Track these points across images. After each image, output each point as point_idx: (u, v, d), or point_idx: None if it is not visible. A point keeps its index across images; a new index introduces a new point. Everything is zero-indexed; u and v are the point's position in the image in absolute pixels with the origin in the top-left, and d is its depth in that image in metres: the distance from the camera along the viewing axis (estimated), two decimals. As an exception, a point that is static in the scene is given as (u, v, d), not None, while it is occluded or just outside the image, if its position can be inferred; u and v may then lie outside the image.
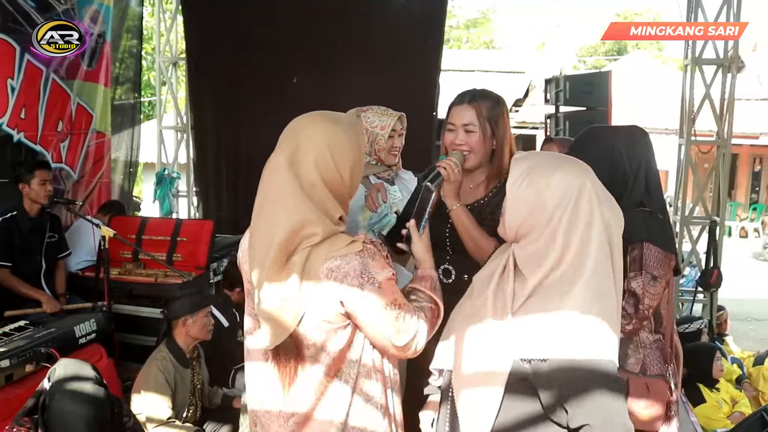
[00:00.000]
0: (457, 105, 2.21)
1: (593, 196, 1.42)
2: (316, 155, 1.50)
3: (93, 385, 2.29)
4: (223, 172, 6.64)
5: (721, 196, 5.99)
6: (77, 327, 3.45)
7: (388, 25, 5.82)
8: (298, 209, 1.47)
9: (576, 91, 5.94)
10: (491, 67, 17.00)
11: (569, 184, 1.42)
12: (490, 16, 28.79)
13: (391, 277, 1.52)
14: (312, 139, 1.52)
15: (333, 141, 1.52)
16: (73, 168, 5.52)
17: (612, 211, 1.44)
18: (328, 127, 1.54)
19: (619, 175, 2.12)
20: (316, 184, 1.50)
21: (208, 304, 3.39)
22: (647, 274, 2.04)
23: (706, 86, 5.83)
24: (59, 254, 4.40)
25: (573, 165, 1.50)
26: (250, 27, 6.09)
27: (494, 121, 2.15)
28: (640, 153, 2.16)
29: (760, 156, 16.24)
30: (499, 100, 2.21)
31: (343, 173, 1.53)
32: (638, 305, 2.03)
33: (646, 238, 2.05)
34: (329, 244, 1.48)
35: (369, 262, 1.48)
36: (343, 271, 1.46)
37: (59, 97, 5.21)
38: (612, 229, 1.43)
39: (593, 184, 1.44)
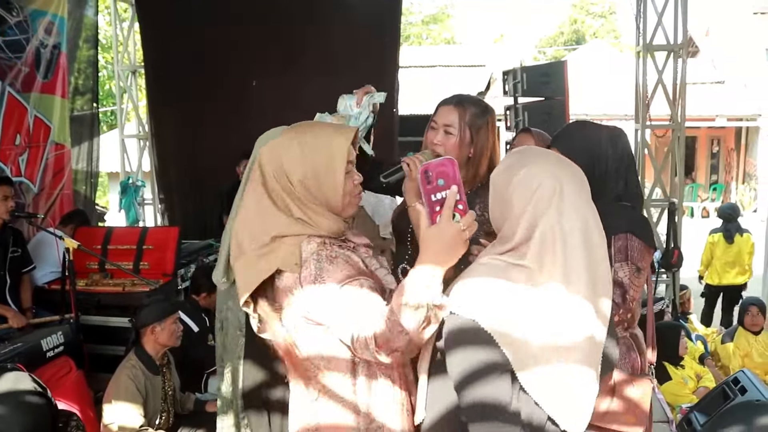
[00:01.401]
0: (443, 105, 2.20)
1: (557, 196, 1.39)
2: (273, 169, 1.55)
3: (31, 395, 2.29)
4: (187, 178, 6.62)
5: (678, 178, 6.16)
6: (44, 340, 3.43)
7: (344, 25, 5.85)
8: (266, 222, 1.53)
9: (533, 81, 6.01)
10: (452, 61, 17.10)
11: (533, 180, 1.41)
12: (448, 11, 28.99)
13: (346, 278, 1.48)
14: (268, 155, 1.58)
15: (288, 158, 1.56)
16: (33, 181, 5.46)
17: (578, 214, 1.40)
18: (283, 141, 1.59)
19: (602, 168, 2.13)
20: (278, 193, 1.54)
21: (175, 311, 3.40)
22: (632, 264, 2.04)
23: (659, 72, 5.98)
24: (23, 268, 4.34)
25: (547, 161, 1.47)
26: (207, 32, 6.07)
27: (475, 129, 2.15)
28: (621, 149, 2.17)
29: (717, 137, 16.61)
30: (486, 110, 2.20)
31: (293, 180, 1.55)
32: (625, 295, 2.02)
33: (631, 230, 2.06)
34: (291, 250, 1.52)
35: (325, 266, 1.48)
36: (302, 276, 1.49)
37: (16, 110, 5.15)
38: (574, 233, 1.38)
39: (563, 183, 1.41)
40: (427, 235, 1.36)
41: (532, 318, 1.36)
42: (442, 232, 1.34)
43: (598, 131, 2.22)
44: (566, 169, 1.46)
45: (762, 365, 4.92)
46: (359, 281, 1.47)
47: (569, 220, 1.38)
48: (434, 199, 1.36)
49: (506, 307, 1.36)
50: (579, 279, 1.37)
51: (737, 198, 15.77)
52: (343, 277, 1.46)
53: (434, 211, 1.36)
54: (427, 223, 1.37)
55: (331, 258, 1.48)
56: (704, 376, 4.62)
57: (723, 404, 3.29)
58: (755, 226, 12.62)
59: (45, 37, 5.50)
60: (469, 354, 1.36)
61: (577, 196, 1.41)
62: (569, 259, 1.37)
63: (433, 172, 1.36)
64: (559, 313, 1.36)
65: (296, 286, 1.48)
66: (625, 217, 2.10)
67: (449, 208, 1.34)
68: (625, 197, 2.17)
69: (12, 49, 5.16)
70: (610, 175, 2.14)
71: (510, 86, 6.11)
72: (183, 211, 6.71)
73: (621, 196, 2.16)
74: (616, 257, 2.04)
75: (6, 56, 5.10)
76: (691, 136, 15.10)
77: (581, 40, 27.09)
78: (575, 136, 2.23)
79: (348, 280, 1.46)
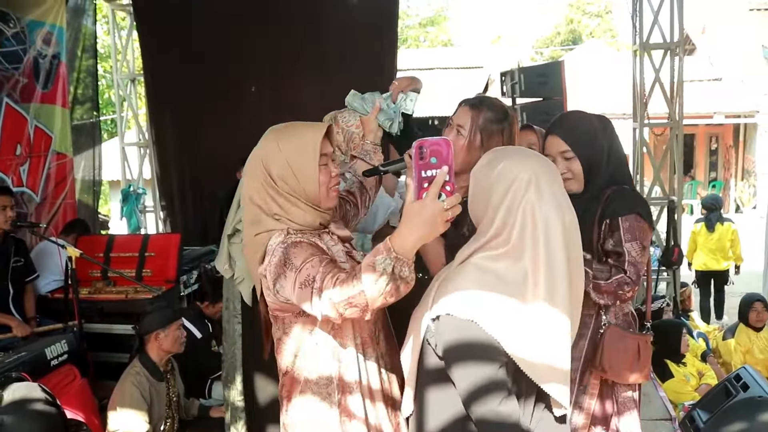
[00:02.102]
0: (462, 104, 2.18)
1: (533, 190, 1.45)
2: (253, 168, 1.72)
3: (43, 405, 2.32)
4: (187, 184, 6.64)
5: (677, 176, 6.17)
6: (48, 349, 3.42)
7: (342, 28, 5.87)
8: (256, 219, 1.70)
9: (531, 82, 6.01)
10: (449, 64, 17.10)
11: (510, 174, 1.47)
12: (445, 14, 29.03)
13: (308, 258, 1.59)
14: (252, 155, 1.75)
15: (266, 154, 1.71)
16: (35, 191, 5.48)
17: (554, 208, 1.45)
18: (264, 140, 1.75)
19: (598, 150, 2.22)
20: (259, 190, 1.70)
21: (178, 317, 3.42)
22: (640, 243, 2.15)
23: (655, 70, 6.00)
24: (26, 278, 4.35)
25: (524, 157, 1.53)
26: (205, 40, 6.10)
27: (487, 134, 2.09)
28: (610, 134, 2.27)
29: (715, 134, 16.61)
30: (504, 117, 2.14)
31: (273, 175, 1.69)
32: (639, 273, 2.13)
33: (635, 211, 2.17)
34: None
35: (291, 250, 1.60)
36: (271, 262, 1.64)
37: (15, 120, 5.17)
38: (547, 222, 1.44)
39: (539, 177, 1.46)
40: (410, 209, 1.37)
41: (525, 310, 1.42)
42: (425, 208, 1.34)
43: (591, 118, 2.32)
44: (542, 163, 1.53)
45: (763, 361, 4.93)
46: (320, 257, 1.57)
47: (546, 205, 1.44)
48: (424, 175, 1.36)
49: (501, 304, 1.42)
50: (558, 259, 1.44)
51: (737, 195, 15.77)
52: (308, 256, 1.57)
53: (422, 187, 1.36)
54: (412, 197, 1.37)
55: (295, 243, 1.62)
56: (706, 374, 4.63)
57: (725, 401, 3.29)
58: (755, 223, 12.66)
59: (43, 47, 5.52)
60: (473, 363, 1.41)
61: (551, 186, 1.47)
62: (550, 241, 1.43)
63: (428, 149, 1.37)
64: (546, 300, 1.43)
65: (265, 273, 1.64)
66: (631, 199, 2.22)
67: (437, 186, 1.34)
68: (621, 179, 2.27)
69: (9, 60, 5.18)
70: (605, 158, 2.23)
71: (508, 87, 6.12)
72: (184, 217, 6.72)
73: (618, 179, 2.26)
74: (625, 237, 2.16)
75: (3, 67, 5.12)
76: (690, 134, 15.11)
77: (578, 40, 27.11)
78: (573, 123, 2.32)
79: (311, 258, 1.56)
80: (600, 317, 2.24)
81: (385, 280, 1.38)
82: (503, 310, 1.41)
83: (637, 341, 2.22)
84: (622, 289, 2.13)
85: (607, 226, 2.20)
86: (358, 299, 1.43)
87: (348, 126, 2.59)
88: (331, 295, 1.46)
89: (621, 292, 2.14)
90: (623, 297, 2.16)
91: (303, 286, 1.52)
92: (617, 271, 2.14)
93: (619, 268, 2.14)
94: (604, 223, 2.20)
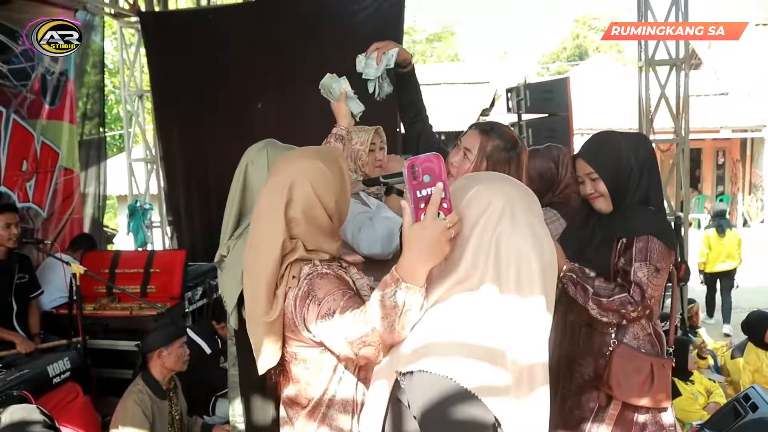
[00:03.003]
0: (472, 127, 2.15)
1: (507, 218, 1.31)
2: (301, 194, 1.58)
3: (41, 427, 2.31)
4: (195, 200, 6.65)
5: (684, 192, 6.14)
6: (50, 367, 3.43)
7: (346, 43, 5.88)
8: (278, 245, 1.57)
9: (536, 98, 6.02)
10: (457, 79, 17.15)
11: (482, 200, 1.33)
12: (452, 29, 29.16)
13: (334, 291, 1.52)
14: (298, 179, 1.59)
15: (316, 177, 1.59)
16: (42, 206, 5.50)
17: (530, 240, 1.30)
18: (310, 164, 1.61)
19: (625, 175, 2.23)
20: (300, 221, 1.58)
21: (182, 335, 3.41)
22: (651, 265, 2.13)
23: (661, 86, 5.99)
24: (31, 294, 4.36)
25: (499, 183, 1.39)
26: (211, 55, 6.16)
27: (493, 161, 2.05)
28: (643, 156, 2.26)
29: (722, 149, 16.57)
30: (513, 147, 2.08)
31: (328, 207, 1.60)
32: (644, 294, 2.11)
33: (652, 233, 2.15)
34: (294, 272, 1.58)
35: (316, 282, 1.54)
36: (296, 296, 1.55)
37: (22, 137, 5.21)
38: (522, 256, 1.29)
39: (514, 204, 1.32)
40: (411, 233, 1.29)
41: (503, 358, 1.28)
42: (426, 230, 1.27)
43: (620, 139, 2.31)
44: (519, 189, 1.39)
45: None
46: (343, 291, 1.52)
47: (520, 237, 1.29)
48: (419, 195, 1.29)
49: (479, 355, 1.27)
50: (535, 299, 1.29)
51: (744, 209, 15.69)
52: (331, 288, 1.51)
53: (419, 208, 1.29)
54: (410, 220, 1.30)
55: (321, 274, 1.55)
56: (714, 391, 4.58)
57: (734, 422, 3.26)
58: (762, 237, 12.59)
59: (51, 64, 5.58)
60: (457, 426, 1.24)
61: (526, 215, 1.33)
62: (524, 281, 1.28)
63: (420, 167, 1.29)
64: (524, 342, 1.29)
65: (293, 304, 1.55)
66: (648, 221, 2.20)
67: (434, 205, 1.27)
68: (650, 202, 2.26)
69: (17, 77, 5.23)
70: (633, 181, 2.23)
71: (513, 103, 6.13)
72: (191, 232, 6.74)
73: (646, 201, 2.25)
74: (636, 257, 2.15)
75: (11, 84, 5.17)
76: (697, 148, 15.07)
77: (584, 55, 27.21)
78: (598, 144, 2.33)
79: (334, 291, 1.51)
80: (619, 336, 2.22)
81: (396, 314, 1.30)
82: (480, 361, 1.26)
83: (650, 362, 2.18)
84: (625, 309, 2.11)
85: (623, 244, 2.20)
86: (371, 337, 1.37)
87: (352, 144, 2.60)
88: (346, 332, 1.42)
89: (624, 312, 2.11)
90: (627, 317, 2.13)
91: (323, 320, 1.47)
92: (621, 290, 2.12)
93: (623, 287, 2.13)
94: (621, 242, 2.21)
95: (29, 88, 5.37)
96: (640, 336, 2.23)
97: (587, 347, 2.28)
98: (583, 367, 2.29)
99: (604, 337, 2.24)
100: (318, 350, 1.58)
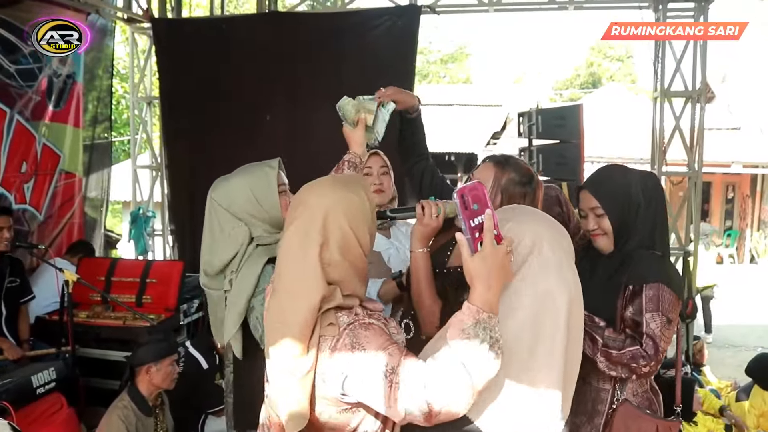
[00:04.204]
0: (486, 160, 2.10)
1: (535, 255, 1.34)
2: (337, 231, 1.43)
3: None
4: (198, 211, 6.54)
5: (693, 226, 6.03)
6: (35, 377, 3.35)
7: (360, 61, 5.85)
8: (317, 291, 1.39)
9: (548, 124, 5.94)
10: (469, 101, 17.15)
11: (518, 234, 1.36)
12: (467, 50, 29.26)
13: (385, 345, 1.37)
14: (331, 212, 1.43)
15: (349, 209, 1.44)
16: (39, 209, 5.45)
17: (557, 277, 1.34)
18: (341, 195, 1.45)
19: (632, 213, 2.11)
20: (338, 263, 1.43)
21: (173, 353, 3.33)
22: (663, 316, 2.00)
23: (676, 118, 5.90)
24: (21, 299, 4.29)
25: (530, 219, 1.41)
26: (221, 66, 6.12)
27: (509, 195, 1.98)
28: (650, 196, 2.15)
29: (732, 183, 16.46)
30: (529, 182, 2.02)
31: (363, 242, 1.46)
32: (657, 348, 1.97)
33: (663, 281, 2.02)
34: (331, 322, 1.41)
35: (361, 333, 1.38)
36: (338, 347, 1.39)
37: (23, 138, 5.17)
38: (551, 296, 1.33)
39: (543, 242, 1.35)
40: (474, 265, 1.27)
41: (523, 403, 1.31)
42: (488, 258, 1.26)
43: (628, 175, 2.19)
44: (549, 226, 1.41)
45: (779, 425, 4.73)
46: (398, 347, 1.37)
47: (550, 278, 1.33)
48: (473, 224, 1.28)
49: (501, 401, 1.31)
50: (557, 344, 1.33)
51: (752, 245, 15.56)
52: (384, 342, 1.36)
53: (475, 237, 1.28)
54: (469, 252, 1.27)
55: (365, 325, 1.39)
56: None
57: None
58: (769, 275, 12.47)
59: (59, 66, 5.55)
60: None
61: (555, 253, 1.35)
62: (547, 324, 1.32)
63: (468, 195, 1.29)
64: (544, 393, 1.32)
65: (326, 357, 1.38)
66: (658, 267, 2.08)
67: (490, 231, 1.26)
68: (655, 245, 2.14)
69: (24, 77, 5.20)
70: (640, 221, 2.11)
71: (525, 128, 6.04)
72: (192, 242, 6.64)
73: (651, 244, 2.13)
74: (647, 307, 2.01)
75: (18, 84, 5.14)
76: (707, 182, 14.96)
77: (597, 83, 27.22)
78: (605, 178, 2.22)
79: (387, 344, 1.35)
80: (615, 392, 2.07)
81: (486, 349, 1.21)
82: (502, 407, 1.30)
83: (657, 425, 2.04)
84: (637, 363, 1.96)
85: (630, 292, 2.05)
86: (458, 386, 1.22)
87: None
88: (420, 392, 1.25)
89: (635, 366, 1.96)
90: (638, 371, 1.97)
91: (377, 377, 1.30)
92: (632, 342, 1.98)
93: (635, 339, 1.98)
94: (628, 289, 2.06)
95: (35, 89, 5.35)
96: (638, 392, 2.09)
97: (580, 404, 2.07)
98: (578, 427, 2.08)
99: (600, 393, 2.08)
100: (342, 410, 1.42)
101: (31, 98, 5.18)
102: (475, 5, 6.26)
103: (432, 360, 1.27)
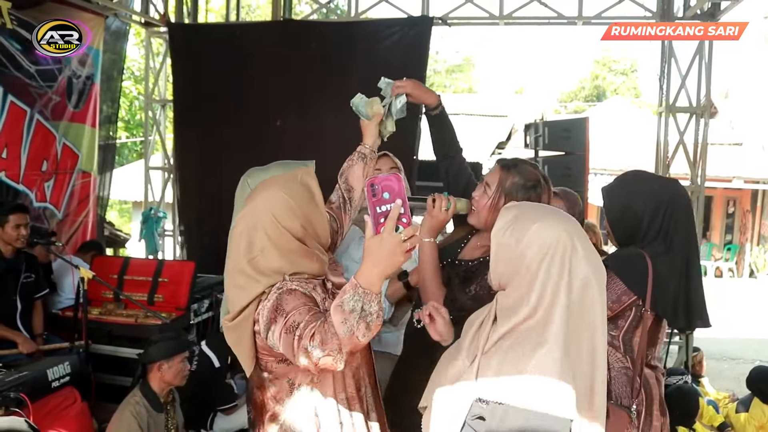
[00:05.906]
0: (496, 162, 2.15)
1: (570, 251, 1.43)
2: (264, 225, 1.68)
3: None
4: (207, 213, 6.65)
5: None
6: (50, 370, 3.38)
7: (371, 70, 5.91)
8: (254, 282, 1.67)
9: (554, 136, 6.02)
10: (474, 110, 17.20)
11: (547, 236, 1.44)
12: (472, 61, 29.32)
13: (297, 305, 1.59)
14: (259, 210, 1.70)
15: (277, 210, 1.68)
16: (58, 207, 5.53)
17: (591, 267, 1.45)
18: (272, 194, 1.71)
19: (633, 228, 2.20)
20: (267, 248, 1.67)
21: (184, 350, 3.37)
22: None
23: (680, 133, 5.99)
24: (36, 294, 4.34)
25: (555, 217, 1.50)
26: (235, 71, 6.22)
27: (511, 199, 2.01)
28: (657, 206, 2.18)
29: (733, 198, 16.49)
30: (534, 187, 2.06)
31: (294, 230, 1.69)
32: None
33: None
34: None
35: (283, 296, 1.62)
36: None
37: (44, 137, 5.25)
38: (590, 285, 1.44)
39: (574, 237, 1.45)
40: (370, 245, 1.41)
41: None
42: (383, 242, 1.39)
43: (635, 188, 2.26)
44: (572, 222, 1.52)
45: (778, 438, 4.79)
46: (309, 307, 1.58)
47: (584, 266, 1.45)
48: (379, 211, 1.43)
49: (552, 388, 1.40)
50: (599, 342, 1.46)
51: (752, 260, 15.59)
52: (298, 304, 1.58)
53: (378, 222, 1.42)
54: (371, 233, 1.42)
55: (290, 290, 1.63)
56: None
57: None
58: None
59: (78, 67, 5.65)
60: None
61: (584, 246, 1.47)
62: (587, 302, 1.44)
63: (379, 185, 1.45)
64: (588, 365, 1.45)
65: (257, 317, 1.65)
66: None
67: (392, 220, 1.39)
68: (671, 250, 2.15)
69: (44, 77, 5.29)
70: (647, 232, 2.17)
71: (531, 139, 6.13)
72: (201, 244, 6.72)
73: (665, 249, 2.15)
74: None
75: (38, 84, 5.23)
76: (708, 196, 14.93)
77: (602, 96, 27.27)
78: (606, 196, 2.31)
79: (301, 306, 1.57)
80: None
81: (355, 318, 1.39)
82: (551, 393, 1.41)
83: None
84: None
85: None
86: (331, 344, 1.42)
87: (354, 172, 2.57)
88: (306, 343, 1.47)
89: None
90: None
91: (287, 332, 1.53)
92: None
93: None
94: None
95: (55, 90, 5.44)
96: (615, 367, 2.15)
97: None
98: None
99: None
100: (278, 360, 1.69)
101: (51, 98, 5.27)
102: (486, 18, 6.35)
103: (321, 321, 1.46)
